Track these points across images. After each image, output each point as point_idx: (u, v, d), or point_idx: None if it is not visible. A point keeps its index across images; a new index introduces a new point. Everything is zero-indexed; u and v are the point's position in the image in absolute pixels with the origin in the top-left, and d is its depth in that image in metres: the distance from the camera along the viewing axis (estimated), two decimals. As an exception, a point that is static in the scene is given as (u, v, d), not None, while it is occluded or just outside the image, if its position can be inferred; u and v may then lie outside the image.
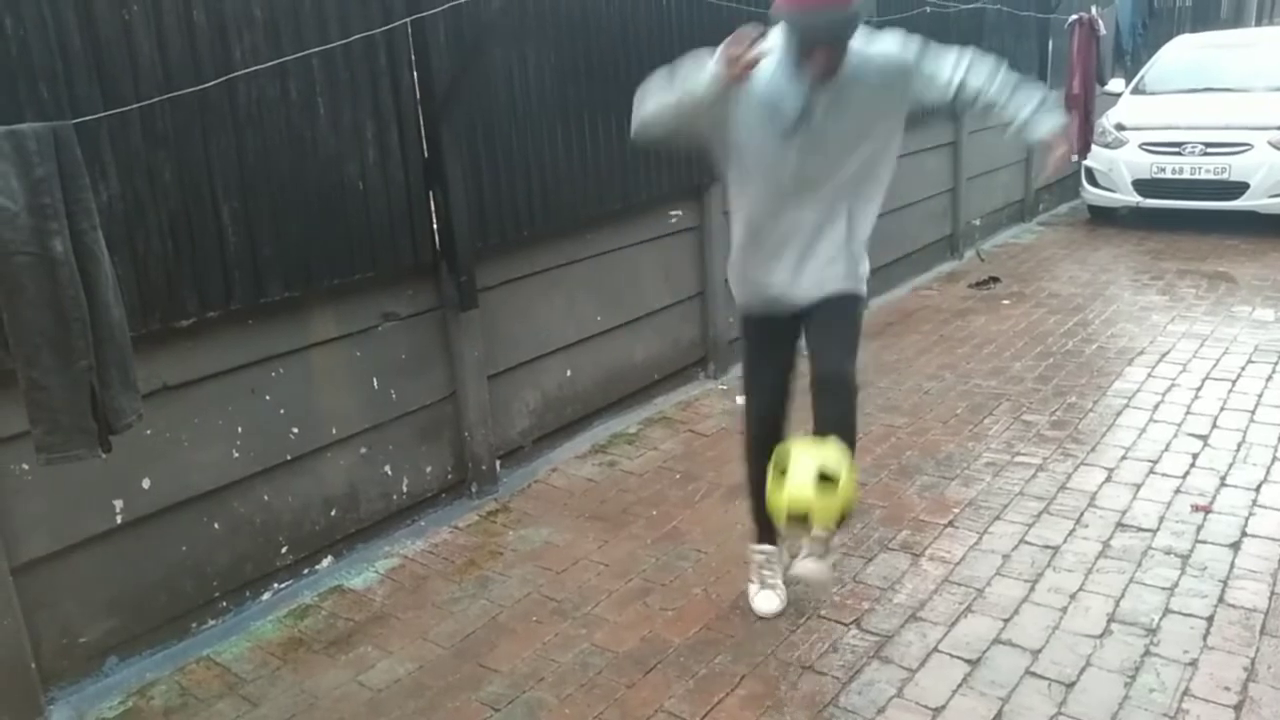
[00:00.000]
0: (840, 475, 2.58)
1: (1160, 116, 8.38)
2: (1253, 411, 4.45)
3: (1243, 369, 5.00)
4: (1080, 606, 3.04)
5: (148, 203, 2.82)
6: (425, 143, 3.60)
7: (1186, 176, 7.99)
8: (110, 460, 2.46)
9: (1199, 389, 4.77)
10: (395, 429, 3.69)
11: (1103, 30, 8.45)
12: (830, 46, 2.51)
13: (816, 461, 2.59)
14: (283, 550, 3.37)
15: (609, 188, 4.44)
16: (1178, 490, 3.75)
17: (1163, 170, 8.09)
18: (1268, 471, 3.86)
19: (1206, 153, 7.89)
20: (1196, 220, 8.11)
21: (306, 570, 3.45)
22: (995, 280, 7.08)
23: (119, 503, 2.91)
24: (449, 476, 3.94)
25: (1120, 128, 8.44)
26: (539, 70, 3.99)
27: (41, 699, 2.76)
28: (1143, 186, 8.22)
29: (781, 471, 2.63)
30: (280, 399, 3.29)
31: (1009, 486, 3.86)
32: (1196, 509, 3.60)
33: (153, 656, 3.02)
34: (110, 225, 2.59)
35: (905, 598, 3.13)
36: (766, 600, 3.08)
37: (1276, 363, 5.06)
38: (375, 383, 3.60)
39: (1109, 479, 3.89)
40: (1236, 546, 3.33)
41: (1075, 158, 8.58)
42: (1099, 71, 8.54)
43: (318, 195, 3.26)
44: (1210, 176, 7.89)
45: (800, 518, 2.61)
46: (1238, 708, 2.55)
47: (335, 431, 3.48)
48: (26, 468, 2.68)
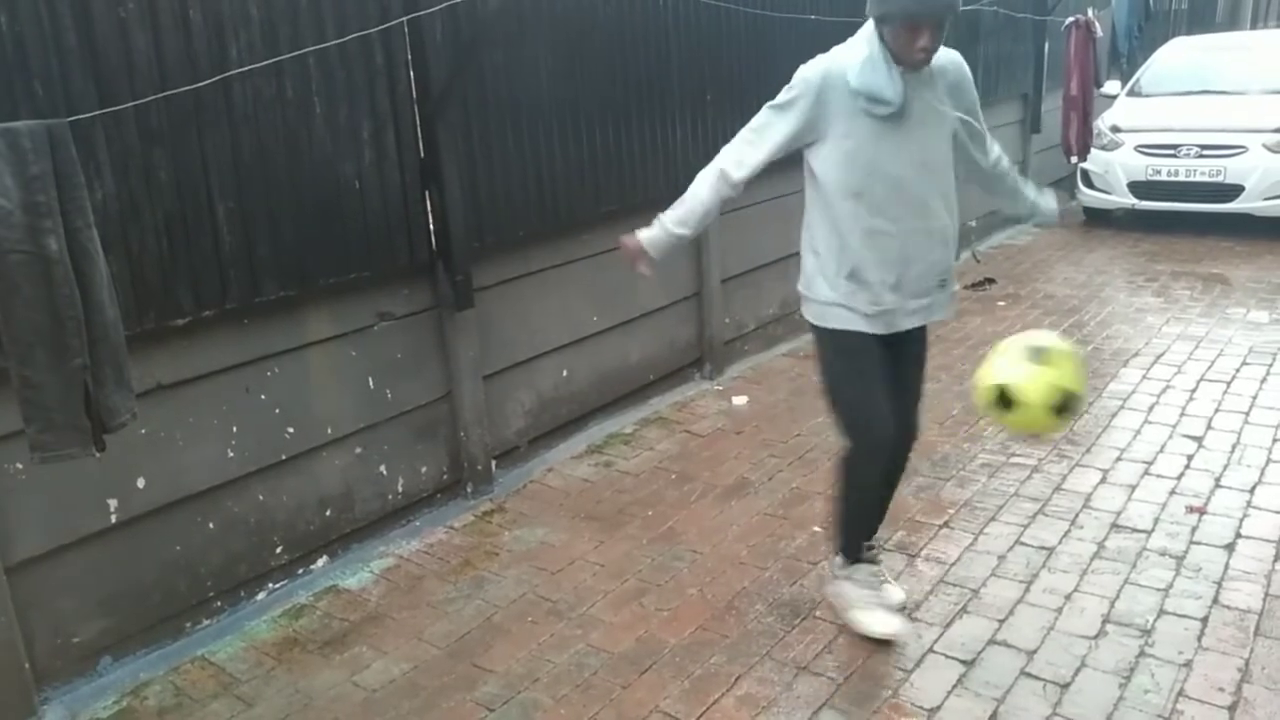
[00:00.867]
0: (1043, 340, 2.45)
1: (1156, 119, 8.39)
2: (1247, 413, 4.46)
3: (1237, 371, 5.01)
4: (1075, 607, 3.05)
5: (143, 201, 2.81)
6: (421, 142, 3.59)
7: (1182, 179, 8.00)
8: (105, 459, 2.45)
9: (1194, 390, 4.78)
10: (391, 429, 3.69)
11: (1099, 32, 8.47)
12: (935, 27, 2.50)
13: (1014, 352, 2.45)
14: (277, 550, 3.36)
15: (605, 188, 4.43)
16: (1172, 491, 3.76)
17: (1158, 172, 8.10)
18: (1262, 473, 3.86)
19: (1202, 155, 7.90)
20: (1192, 222, 8.12)
21: (301, 570, 3.44)
22: (991, 281, 7.08)
23: (113, 502, 2.90)
24: (444, 476, 3.93)
25: (1116, 130, 8.45)
26: (535, 70, 3.99)
27: (35, 699, 2.75)
28: (1138, 189, 8.23)
29: (1001, 403, 2.45)
30: (276, 398, 3.29)
31: (1004, 488, 3.87)
32: (1191, 510, 3.60)
33: (147, 656, 3.01)
34: (105, 224, 2.58)
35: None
36: (886, 621, 2.89)
37: (1271, 364, 5.07)
38: (371, 382, 3.59)
39: (1104, 480, 3.89)
40: (1231, 548, 3.33)
41: (1074, 159, 8.61)
42: (1096, 74, 8.56)
43: (313, 194, 3.26)
44: (1205, 179, 7.90)
45: (1063, 403, 2.40)
46: (1232, 709, 2.55)
47: (330, 431, 3.47)
48: (20, 466, 2.67)
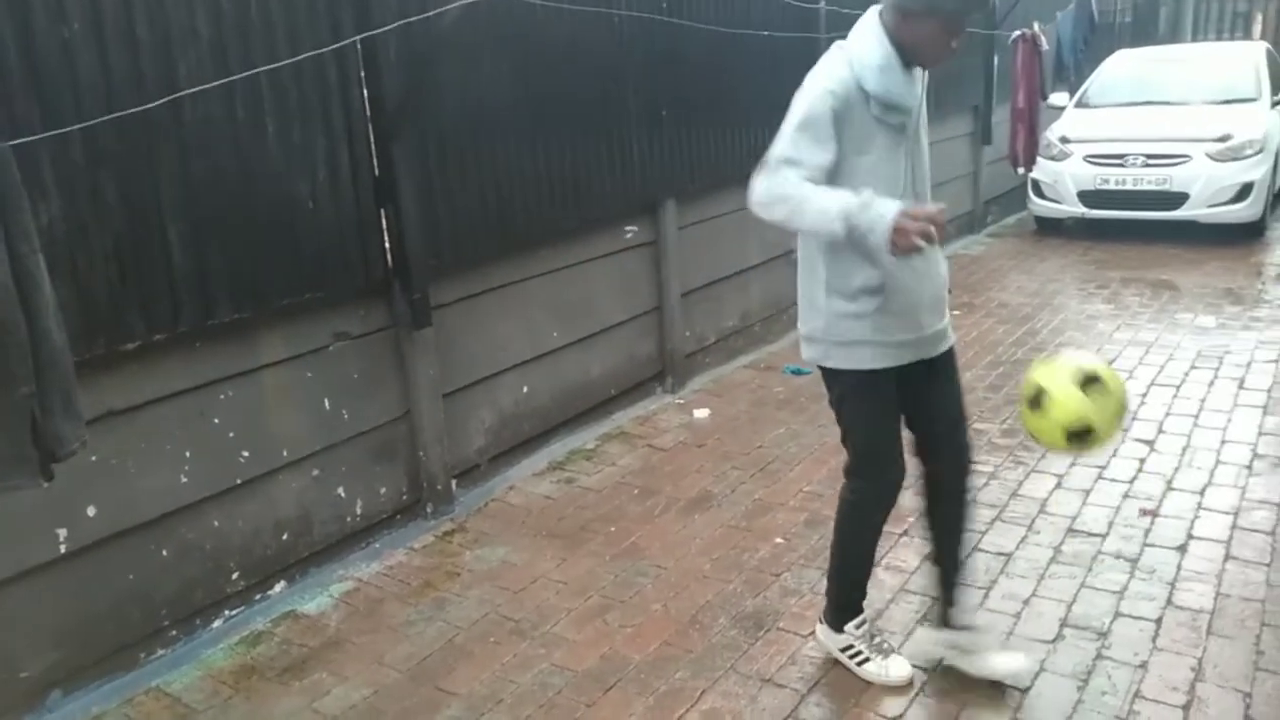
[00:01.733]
0: (1103, 372, 2.36)
1: (1103, 129, 8.58)
2: (1196, 416, 4.56)
3: (1186, 375, 5.12)
4: (1033, 612, 3.08)
5: (91, 224, 2.76)
6: (376, 160, 3.57)
7: (1129, 188, 8.19)
8: (53, 488, 2.39)
9: (1145, 395, 4.87)
10: (348, 450, 3.65)
11: (1045, 46, 8.67)
12: (964, 30, 2.40)
13: (1072, 366, 2.38)
14: (234, 576, 3.30)
15: (564, 204, 4.44)
16: (1126, 495, 3.83)
17: (1106, 181, 8.28)
18: (1211, 475, 3.95)
19: (1148, 164, 8.10)
20: (1140, 230, 8.30)
21: (258, 596, 3.39)
22: (947, 291, 7.17)
23: (63, 531, 2.83)
24: (404, 497, 3.90)
25: (1065, 140, 8.63)
26: (491, 87, 3.99)
27: (-18, 736, 2.68)
28: (1087, 198, 8.41)
29: (1033, 401, 2.41)
30: (230, 422, 3.24)
31: (962, 495, 3.91)
32: (1144, 513, 3.67)
33: (99, 689, 2.94)
34: (51, 248, 2.53)
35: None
36: (900, 665, 2.76)
37: (1218, 368, 5.18)
38: (327, 403, 3.55)
39: (1059, 485, 3.95)
40: (1183, 549, 3.40)
41: (1021, 170, 8.77)
42: (1042, 86, 8.75)
43: (267, 214, 3.23)
44: (1152, 187, 8.09)
45: (1081, 432, 2.35)
46: (1186, 708, 2.60)
47: (287, 454, 3.43)
48: (-35, 497, 2.61)
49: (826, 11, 6.20)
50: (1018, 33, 8.50)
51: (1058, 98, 9.24)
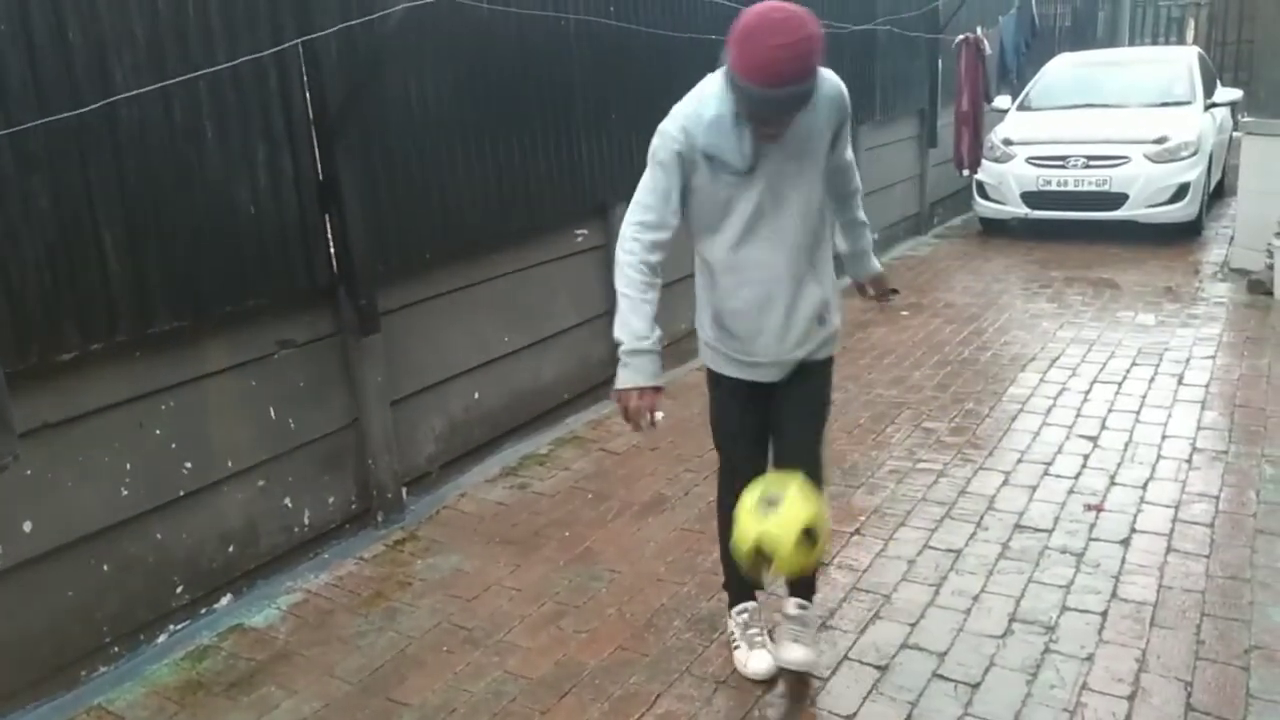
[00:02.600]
0: (821, 536, 2.45)
1: (1045, 131, 8.75)
2: (1138, 412, 4.66)
3: (1128, 371, 5.23)
4: (983, 608, 3.12)
5: (22, 232, 2.68)
6: (320, 165, 3.52)
7: (1071, 189, 8.35)
8: (-16, 504, 2.33)
9: (1088, 392, 4.97)
10: (295, 459, 3.59)
11: (988, 49, 8.82)
12: (784, 118, 2.32)
13: (806, 517, 2.40)
14: (178, 590, 3.23)
15: (512, 207, 4.41)
16: (1071, 491, 3.89)
17: (1049, 183, 8.44)
18: (1153, 469, 4.03)
19: (1089, 166, 8.27)
20: (1081, 230, 8.47)
21: (204, 610, 3.31)
22: (894, 292, 7.21)
23: (-3, 548, 2.75)
24: (353, 506, 3.84)
25: (1008, 143, 8.78)
26: (438, 90, 3.95)
27: (-87, 762, 2.59)
28: (1030, 199, 8.56)
29: (768, 501, 2.44)
30: (171, 433, 3.17)
31: (912, 493, 3.95)
32: (1089, 508, 3.74)
33: (38, 710, 2.86)
34: (-20, 256, 2.46)
35: (815, 607, 3.15)
36: (761, 660, 2.81)
37: (1158, 364, 5.30)
38: (273, 412, 3.49)
39: (1006, 482, 4.01)
40: (1127, 543, 3.46)
41: (965, 172, 8.91)
42: (986, 89, 8.90)
43: (207, 220, 3.16)
44: (1093, 188, 8.26)
45: (768, 558, 2.44)
46: (1131, 698, 2.65)
47: (231, 464, 3.36)
48: (-108, 515, 2.52)
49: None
50: (961, 37, 8.64)
51: (1001, 101, 9.41)
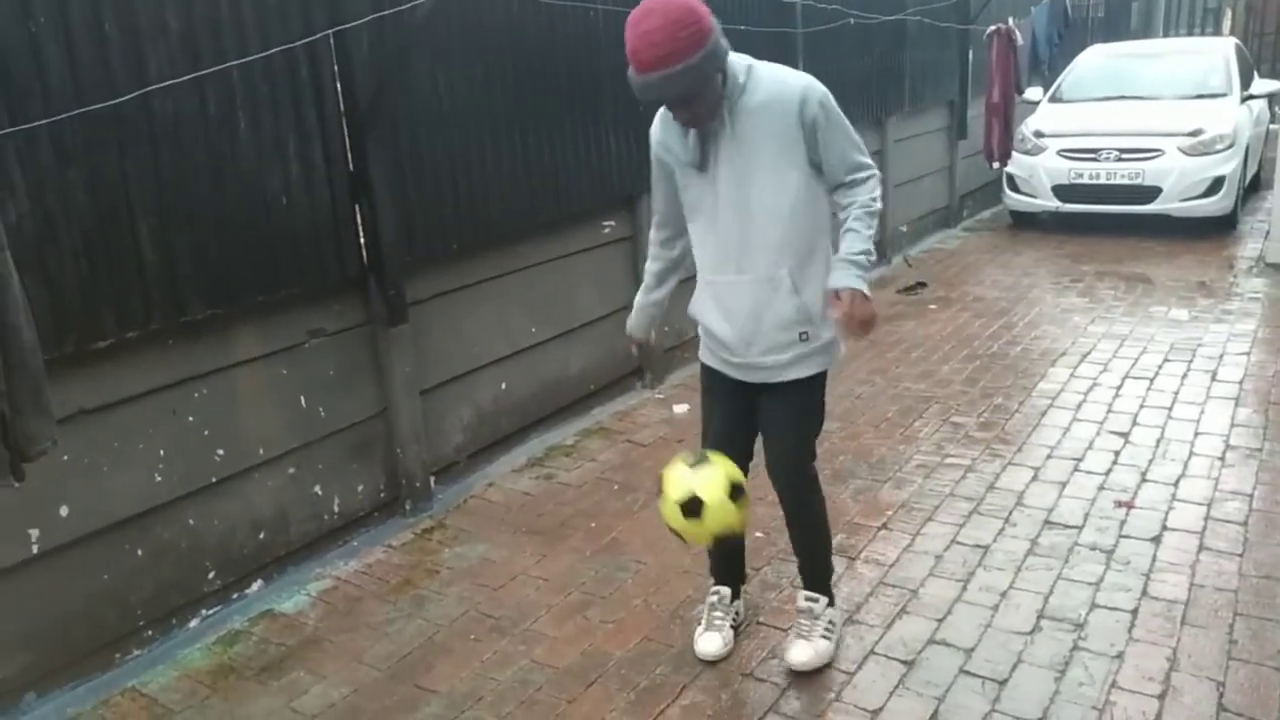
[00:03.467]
0: (746, 497, 2.55)
1: (1077, 124, 8.64)
2: (1170, 408, 4.60)
3: (1160, 367, 5.17)
4: (1011, 604, 3.11)
5: (60, 222, 2.72)
6: (350, 155, 3.54)
7: (1103, 182, 8.25)
8: (25, 488, 2.36)
9: (1119, 388, 4.92)
10: (325, 448, 3.62)
11: (1020, 40, 8.72)
12: (679, 104, 2.40)
13: (733, 474, 2.51)
14: (210, 575, 3.27)
15: (540, 199, 4.42)
16: (1101, 487, 3.86)
17: (1080, 176, 8.34)
18: (1185, 466, 3.99)
19: (1121, 159, 8.16)
20: (1114, 224, 8.38)
21: (235, 595, 3.36)
22: (922, 285, 7.22)
23: (35, 532, 2.80)
24: (382, 495, 3.87)
25: (1039, 135, 8.68)
26: (466, 80, 3.96)
27: (-46, 740, 2.64)
28: (1062, 191, 8.47)
29: (698, 461, 2.53)
30: (204, 420, 3.21)
31: (940, 488, 3.93)
32: (1119, 505, 3.70)
33: (74, 691, 2.91)
34: (20, 246, 2.50)
35: (841, 601, 3.16)
36: (709, 642, 2.91)
37: (1191, 360, 5.24)
38: (303, 401, 3.52)
39: (1035, 478, 3.98)
40: (1158, 540, 3.43)
41: (995, 165, 8.83)
42: (1017, 80, 8.80)
43: (240, 210, 3.19)
44: (1125, 181, 8.16)
45: (697, 508, 2.46)
46: (1161, 697, 2.62)
47: (262, 452, 3.40)
48: (-67, 499, 2.57)
49: (803, 6, 6.21)
50: (993, 28, 8.55)
51: (1032, 92, 9.31)
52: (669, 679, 2.83)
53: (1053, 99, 9.36)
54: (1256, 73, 9.56)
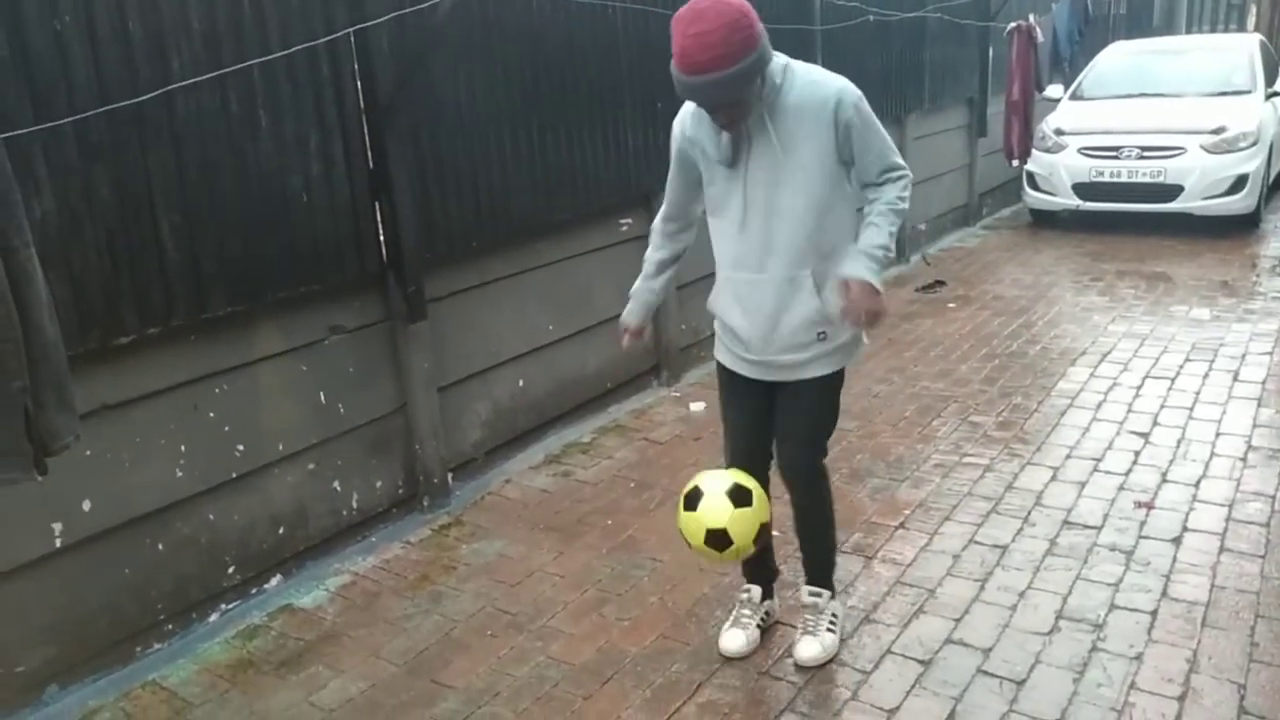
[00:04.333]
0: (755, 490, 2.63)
1: (1098, 121, 8.58)
2: (1191, 409, 4.57)
3: (1181, 367, 5.13)
4: (1029, 604, 3.09)
5: (84, 218, 2.75)
6: (371, 153, 3.56)
7: (1124, 180, 8.19)
8: (48, 482, 2.38)
9: (1140, 388, 4.88)
10: (344, 444, 3.64)
11: (1040, 37, 8.66)
12: (720, 107, 2.37)
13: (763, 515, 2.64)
14: (230, 570, 3.30)
15: (558, 197, 4.43)
16: (1121, 487, 3.83)
17: (1101, 174, 8.28)
18: (1206, 467, 3.96)
19: (1143, 156, 8.09)
20: (1134, 222, 8.31)
21: (255, 590, 3.38)
22: (941, 284, 7.18)
23: (58, 525, 2.83)
24: (400, 491, 3.89)
25: (1060, 132, 8.62)
26: (486, 79, 3.97)
27: (-22, 731, 2.68)
28: (1082, 190, 8.41)
29: (738, 490, 2.61)
30: (225, 416, 3.23)
31: (958, 487, 3.92)
32: (1139, 505, 3.67)
33: (95, 683, 2.94)
34: (44, 242, 2.52)
35: (858, 600, 3.15)
36: (732, 639, 2.90)
37: (1213, 360, 5.19)
38: (323, 397, 3.55)
39: (1054, 478, 3.96)
40: (1178, 541, 3.40)
41: (1015, 162, 8.77)
42: (1038, 78, 8.74)
43: (261, 208, 3.21)
44: (1147, 180, 8.09)
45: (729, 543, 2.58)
46: (1181, 699, 2.61)
47: (282, 448, 3.42)
48: (-41, 492, 2.60)
49: (822, 3, 6.19)
50: (1013, 25, 8.49)
51: (1053, 90, 9.24)
52: (685, 676, 2.84)
53: (1074, 96, 9.30)
54: (1281, 69, 9.47)
